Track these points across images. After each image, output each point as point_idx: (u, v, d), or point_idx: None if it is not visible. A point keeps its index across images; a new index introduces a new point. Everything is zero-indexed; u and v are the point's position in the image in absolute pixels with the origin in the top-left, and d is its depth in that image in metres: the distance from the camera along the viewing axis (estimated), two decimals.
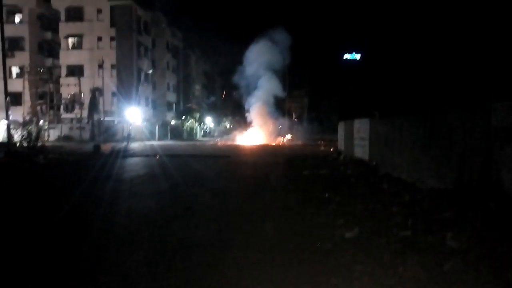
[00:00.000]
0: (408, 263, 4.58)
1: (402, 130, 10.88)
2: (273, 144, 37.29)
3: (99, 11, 47.20)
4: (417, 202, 7.39)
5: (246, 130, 42.53)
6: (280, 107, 52.33)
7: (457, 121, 7.90)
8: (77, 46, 48.05)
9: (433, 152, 8.75)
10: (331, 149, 21.20)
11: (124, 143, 32.71)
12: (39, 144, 18.61)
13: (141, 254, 5.14)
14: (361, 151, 15.39)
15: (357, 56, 67.73)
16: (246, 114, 43.21)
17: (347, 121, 18.68)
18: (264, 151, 26.72)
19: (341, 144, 20.12)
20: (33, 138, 18.20)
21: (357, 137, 16.16)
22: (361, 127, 15.45)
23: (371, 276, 4.31)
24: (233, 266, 4.68)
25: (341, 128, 20.38)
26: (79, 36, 47.66)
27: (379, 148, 13.03)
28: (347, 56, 68.22)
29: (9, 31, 32.91)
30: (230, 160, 19.50)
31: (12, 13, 45.99)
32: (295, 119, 59.63)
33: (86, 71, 47.03)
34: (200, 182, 11.83)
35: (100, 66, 45.02)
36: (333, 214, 6.93)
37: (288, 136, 42.48)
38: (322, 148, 26.00)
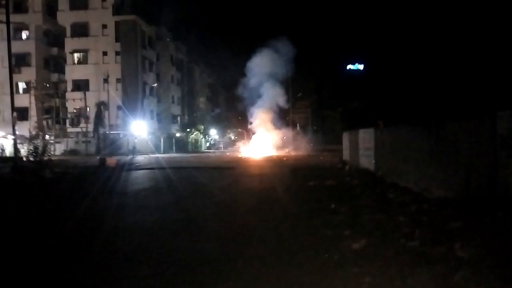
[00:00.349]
0: (417, 274, 4.51)
1: (408, 139, 10.84)
2: (277, 155, 37.25)
3: (104, 26, 47.86)
4: (424, 212, 7.32)
5: (251, 141, 42.54)
6: (284, 118, 52.39)
7: (463, 130, 7.86)
8: (83, 61, 48.65)
9: (440, 161, 8.69)
10: (336, 160, 21.12)
11: (130, 156, 32.86)
12: (45, 158, 18.67)
13: (145, 268, 5.11)
14: (366, 161, 15.32)
15: (360, 67, 67.86)
16: (250, 125, 43.26)
17: (352, 131, 18.64)
18: (269, 162, 26.68)
19: (346, 155, 20.05)
20: (39, 153, 18.27)
21: (362, 147, 16.10)
22: (366, 137, 15.40)
23: None
24: (238, 279, 4.64)
25: (345, 138, 20.33)
26: (85, 51, 48.27)
27: (385, 158, 12.97)
28: (350, 66, 68.37)
29: (16, 47, 33.44)
30: (235, 171, 19.48)
31: (19, 30, 46.74)
32: (299, 130, 59.59)
33: (92, 86, 47.52)
34: (205, 194, 11.80)
35: (106, 80, 45.52)
36: (340, 226, 6.86)
37: (292, 147, 42.45)
38: (327, 158, 25.93)
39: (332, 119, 60.51)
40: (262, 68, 40.58)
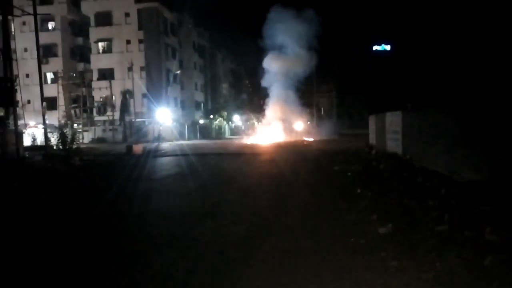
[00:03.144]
0: (446, 258, 4.44)
1: (437, 122, 10.56)
2: (302, 140, 37.05)
3: (127, 14, 48.23)
4: (453, 195, 7.15)
5: (274, 127, 42.35)
6: (308, 103, 51.88)
7: (493, 112, 7.59)
8: (107, 50, 49.33)
9: (470, 144, 8.45)
10: (362, 144, 20.84)
11: (155, 144, 33.34)
12: (74, 146, 19.18)
13: (174, 251, 5.21)
14: (394, 144, 15.05)
15: (387, 47, 66.11)
16: (273, 111, 42.92)
17: (379, 115, 18.30)
18: (293, 147, 26.59)
19: (372, 138, 19.74)
20: (68, 141, 18.78)
21: (389, 131, 15.81)
22: (394, 120, 15.09)
23: (407, 272, 4.20)
24: (264, 262, 4.67)
25: (372, 121, 19.99)
26: (109, 40, 48.89)
27: (412, 141, 12.70)
28: (376, 47, 66.68)
29: (43, 38, 34.09)
30: (258, 158, 19.51)
31: (45, 21, 47.66)
32: (324, 114, 59.01)
33: (117, 74, 48.22)
34: (229, 180, 11.90)
35: (130, 69, 46.08)
36: (366, 210, 6.80)
37: (316, 132, 42.11)
38: (352, 143, 25.63)
39: (358, 103, 59.59)
40: (285, 51, 40.02)
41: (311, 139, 37.11)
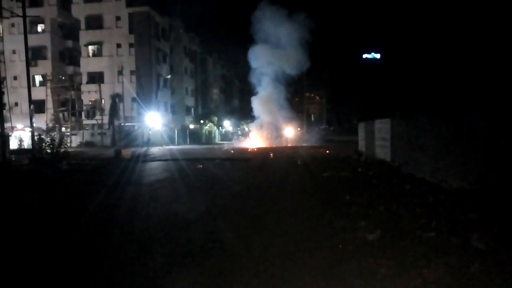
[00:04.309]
0: (433, 265, 4.46)
1: (425, 130, 10.67)
2: (291, 146, 37.15)
3: (118, 18, 48.09)
4: (441, 203, 7.22)
5: (264, 133, 42.43)
6: (298, 109, 52.08)
7: (482, 120, 7.70)
8: (97, 53, 49.07)
9: (458, 152, 8.55)
10: (351, 151, 20.96)
11: (144, 148, 33.15)
12: (62, 150, 18.98)
13: (160, 256, 5.15)
14: (382, 152, 15.16)
15: (377, 56, 66.88)
16: (263, 117, 42.95)
17: (368, 122, 18.44)
18: (282, 153, 26.63)
19: (361, 145, 19.87)
20: (56, 145, 18.57)
21: (378, 138, 15.93)
22: (382, 127, 15.22)
23: (395, 279, 4.21)
24: (252, 268, 4.64)
25: (361, 128, 20.14)
26: (99, 44, 48.65)
27: (401, 149, 12.81)
28: (366, 55, 67.43)
29: (32, 41, 33.85)
30: (247, 163, 19.50)
31: (35, 23, 47.28)
32: (314, 121, 59.32)
33: (106, 78, 47.95)
34: (218, 185, 11.85)
35: (120, 73, 45.88)
36: (355, 217, 6.82)
37: (306, 138, 42.25)
38: (341, 149, 25.78)
39: (348, 110, 60.06)
40: (275, 58, 40.16)
41: (301, 145, 37.23)
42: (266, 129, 42.40)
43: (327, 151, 25.75)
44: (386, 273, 4.36)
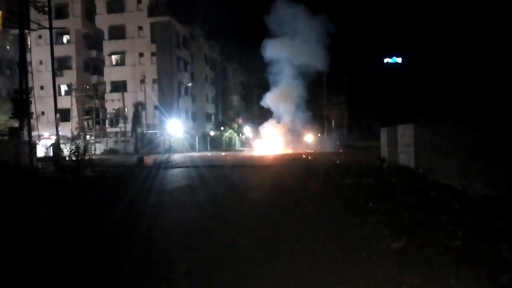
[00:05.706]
0: (460, 275, 4.33)
1: (450, 135, 10.43)
2: (313, 152, 36.90)
3: (140, 28, 49.02)
4: (467, 210, 7.02)
5: (285, 139, 42.24)
6: (319, 115, 51.75)
7: (510, 125, 7.47)
8: (120, 62, 50.08)
9: (485, 158, 8.31)
10: (374, 157, 20.67)
11: (166, 155, 33.53)
12: (86, 157, 19.34)
13: (183, 264, 5.17)
14: (406, 158, 14.89)
15: (398, 60, 65.91)
16: (285, 123, 42.79)
17: (390, 127, 18.15)
18: (303, 159, 26.48)
19: (384, 151, 19.57)
20: (80, 152, 18.95)
21: (401, 144, 15.66)
22: (405, 133, 14.96)
23: None
24: (273, 277, 4.60)
25: (383, 134, 19.84)
26: (122, 53, 49.65)
27: (425, 155, 12.55)
28: (387, 60, 66.52)
29: (58, 51, 34.75)
30: (268, 170, 19.46)
31: (60, 34, 48.63)
32: (335, 127, 58.80)
33: (129, 87, 48.86)
34: (238, 192, 11.86)
35: (142, 81, 46.69)
36: (378, 224, 6.70)
37: (327, 144, 41.90)
38: (364, 155, 25.46)
39: (368, 115, 59.29)
40: (296, 62, 39.97)
41: (321, 151, 36.95)
42: (286, 135, 42.22)
43: (349, 157, 25.46)
44: (411, 283, 4.25)
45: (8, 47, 48.40)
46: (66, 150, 20.45)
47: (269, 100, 41.95)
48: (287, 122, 41.70)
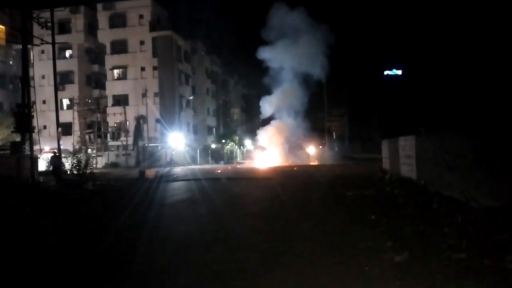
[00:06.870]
0: None
1: (452, 146, 10.40)
2: (314, 164, 36.86)
3: (141, 42, 49.51)
4: (471, 222, 6.97)
5: (286, 151, 42.24)
6: (320, 127, 51.81)
7: None
8: (122, 76, 50.45)
9: (487, 169, 8.27)
10: (376, 169, 20.61)
11: (167, 168, 33.50)
12: (88, 171, 19.36)
13: (183, 277, 5.12)
14: (407, 169, 14.85)
15: (398, 72, 66.27)
16: (285, 135, 42.78)
17: (391, 139, 18.15)
18: (305, 171, 26.43)
19: (385, 163, 19.53)
20: (82, 166, 18.97)
21: (402, 155, 15.63)
22: (407, 144, 14.94)
23: None
24: None
25: (384, 146, 19.83)
26: (124, 67, 50.07)
27: (427, 166, 12.51)
28: (388, 72, 66.89)
29: (60, 66, 35.12)
30: (268, 182, 19.39)
31: (63, 49, 49.13)
32: (336, 139, 58.86)
33: (131, 100, 49.13)
34: (239, 205, 11.80)
35: (144, 95, 46.99)
36: (381, 237, 6.64)
37: (328, 156, 41.86)
38: (365, 167, 25.41)
39: (370, 127, 59.37)
40: (296, 73, 40.23)
41: (323, 163, 36.90)
42: (288, 148, 42.21)
43: (350, 169, 25.40)
44: None
45: (11, 62, 48.86)
46: (67, 164, 20.51)
47: (268, 108, 42.16)
48: (288, 134, 41.75)
